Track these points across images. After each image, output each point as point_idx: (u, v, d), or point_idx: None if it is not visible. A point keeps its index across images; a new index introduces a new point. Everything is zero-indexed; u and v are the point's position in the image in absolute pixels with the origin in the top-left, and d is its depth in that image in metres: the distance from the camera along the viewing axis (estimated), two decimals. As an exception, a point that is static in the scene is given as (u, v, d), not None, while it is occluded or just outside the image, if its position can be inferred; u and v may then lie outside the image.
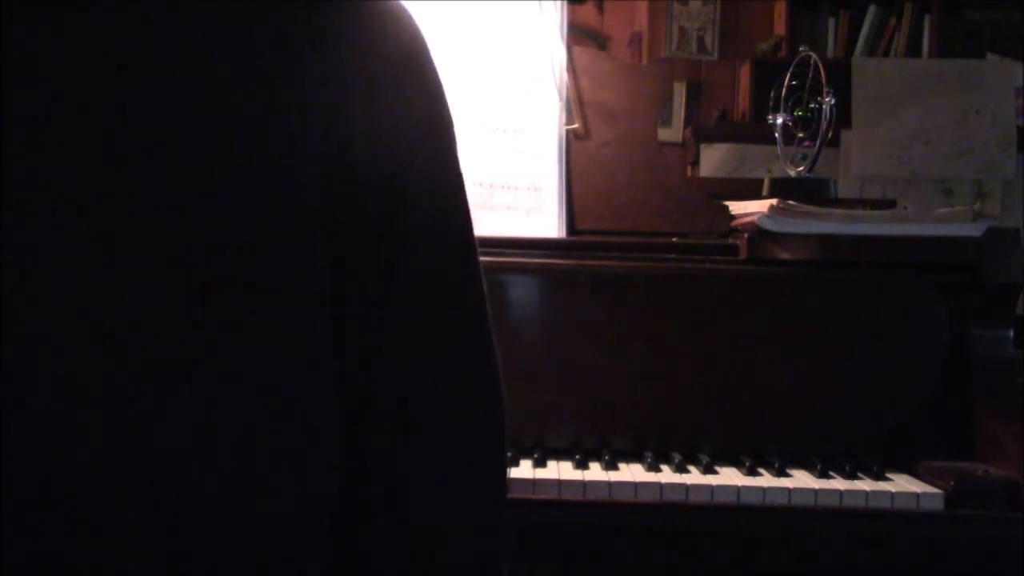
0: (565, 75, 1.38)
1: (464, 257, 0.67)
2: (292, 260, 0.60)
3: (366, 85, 0.63)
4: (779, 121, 1.57)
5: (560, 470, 1.14)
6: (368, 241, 0.62)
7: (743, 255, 1.25)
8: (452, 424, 0.66)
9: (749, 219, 1.27)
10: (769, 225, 1.23)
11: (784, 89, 1.56)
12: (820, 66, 1.51)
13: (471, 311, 0.67)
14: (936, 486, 1.12)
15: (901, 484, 1.13)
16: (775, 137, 1.59)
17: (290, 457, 0.60)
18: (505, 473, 0.70)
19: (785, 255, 1.24)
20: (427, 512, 0.65)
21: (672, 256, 1.27)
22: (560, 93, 1.38)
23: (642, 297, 1.26)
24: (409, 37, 0.67)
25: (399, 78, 0.65)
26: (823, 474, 1.16)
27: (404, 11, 0.67)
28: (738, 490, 1.11)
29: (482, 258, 1.05)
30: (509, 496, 0.72)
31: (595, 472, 1.14)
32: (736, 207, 1.35)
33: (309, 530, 0.61)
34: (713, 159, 3.51)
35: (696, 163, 3.56)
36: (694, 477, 1.13)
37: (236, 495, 0.58)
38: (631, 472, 1.15)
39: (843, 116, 3.28)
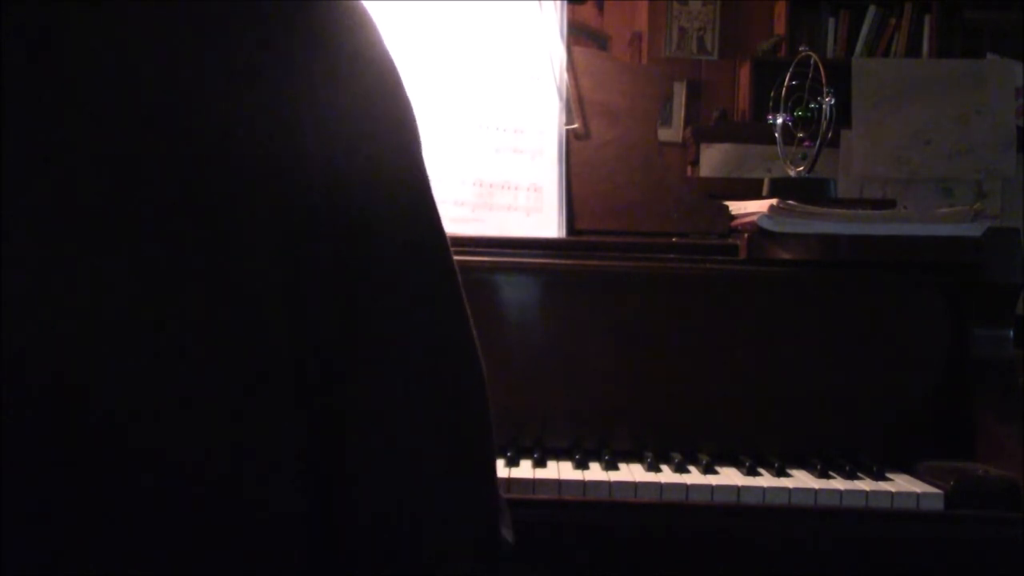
0: (565, 75, 1.38)
1: (435, 257, 0.66)
2: (251, 265, 0.59)
3: (324, 83, 0.62)
4: (779, 121, 1.58)
5: (560, 470, 1.14)
6: (331, 247, 0.61)
7: (743, 255, 1.25)
8: (437, 444, 0.65)
9: (749, 219, 1.27)
10: (769, 225, 1.23)
11: (784, 89, 1.56)
12: (820, 66, 1.51)
13: (448, 315, 0.66)
14: (936, 486, 1.12)
15: (901, 484, 1.13)
16: (775, 137, 1.59)
17: (255, 473, 0.60)
18: (495, 488, 0.69)
19: (785, 255, 1.24)
20: (415, 539, 0.64)
21: (672, 256, 1.27)
22: (560, 93, 1.38)
23: (642, 297, 1.26)
24: (384, 42, 0.66)
25: (358, 76, 0.64)
26: (823, 474, 1.16)
27: (361, 8, 0.66)
28: (738, 490, 1.11)
29: (482, 258, 1.05)
30: (509, 496, 0.71)
31: (595, 472, 1.14)
32: (736, 207, 1.35)
33: (279, 548, 0.61)
34: (713, 159, 3.51)
35: (696, 163, 3.56)
36: (694, 477, 1.13)
37: (201, 507, 0.58)
38: (631, 472, 1.15)
39: (843, 116, 3.28)
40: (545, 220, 1.34)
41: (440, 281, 0.67)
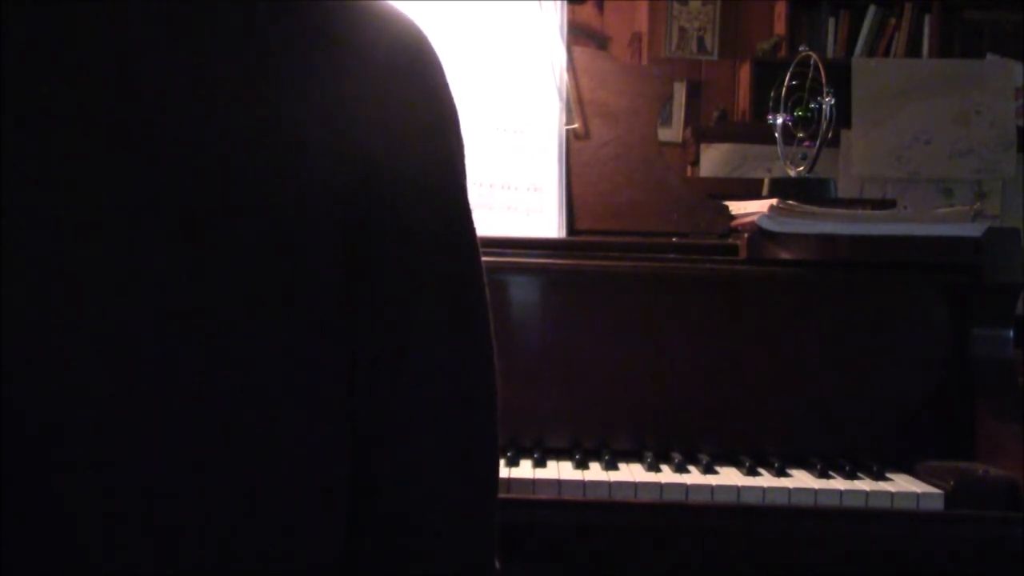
0: (565, 75, 1.38)
1: (465, 261, 0.67)
2: (306, 260, 0.60)
3: (370, 87, 0.62)
4: (779, 121, 1.57)
5: (560, 470, 1.14)
6: (376, 245, 0.62)
7: (743, 255, 1.25)
8: (447, 473, 0.66)
9: (749, 219, 1.27)
10: (769, 225, 1.23)
11: (784, 89, 1.56)
12: (820, 66, 1.51)
13: (471, 324, 0.67)
14: (936, 486, 1.12)
15: (901, 484, 1.13)
16: (775, 137, 1.59)
17: (296, 466, 0.60)
18: (494, 531, 0.69)
19: (785, 255, 1.24)
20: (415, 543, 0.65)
21: (672, 256, 1.27)
22: (560, 93, 1.38)
23: (642, 297, 1.26)
24: (411, 35, 0.67)
25: (403, 79, 0.64)
26: (823, 474, 1.16)
27: (400, 11, 0.67)
28: (738, 490, 1.11)
29: (482, 258, 1.03)
30: (510, 496, 0.72)
31: (595, 472, 1.14)
32: (736, 207, 1.35)
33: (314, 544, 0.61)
34: (713, 159, 3.51)
35: (696, 163, 3.55)
36: (694, 477, 1.13)
37: (232, 511, 0.58)
38: (631, 472, 1.15)
39: (843, 116, 3.27)
40: (545, 220, 1.34)
41: (466, 286, 0.67)
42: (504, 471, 1.12)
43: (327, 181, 0.60)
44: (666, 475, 1.13)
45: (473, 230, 0.67)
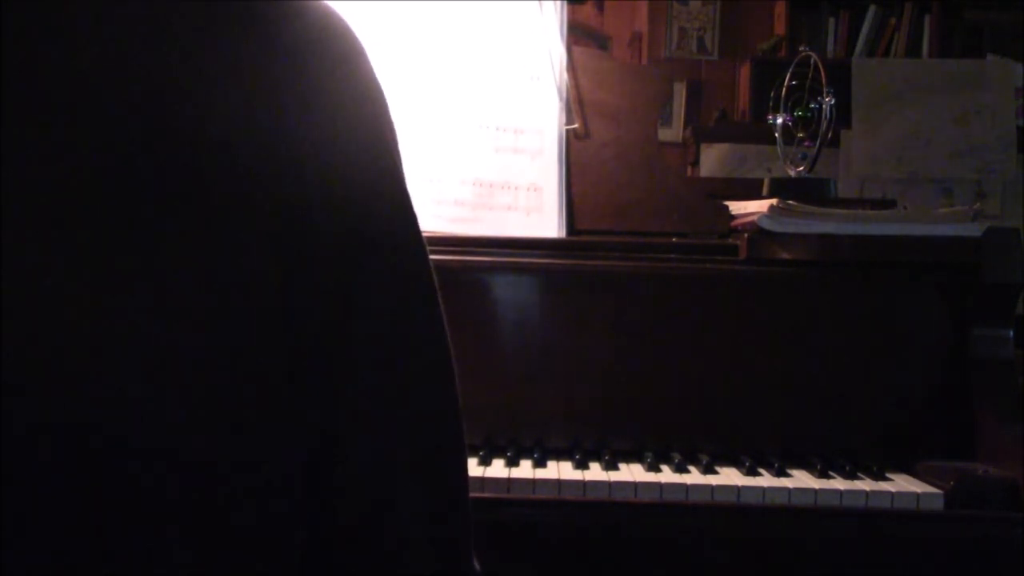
0: (565, 75, 1.38)
1: (412, 265, 0.65)
2: (243, 275, 0.59)
3: (301, 91, 0.61)
4: (779, 121, 1.57)
5: (560, 470, 1.14)
6: (316, 260, 0.61)
7: (743, 255, 1.25)
8: (411, 488, 0.64)
9: (749, 219, 1.27)
10: (769, 225, 1.23)
11: (784, 89, 1.56)
12: (820, 66, 1.51)
13: (423, 321, 0.66)
14: (936, 486, 1.12)
15: (901, 484, 1.13)
16: (775, 137, 1.59)
17: (255, 477, 0.60)
18: (466, 495, 0.68)
19: (785, 255, 1.24)
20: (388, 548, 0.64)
21: (672, 256, 1.27)
22: (560, 93, 1.38)
23: (642, 297, 1.26)
24: (342, 37, 0.66)
25: (335, 83, 0.64)
26: (823, 474, 1.16)
27: (334, 12, 0.66)
28: (738, 490, 1.11)
29: (482, 258, 1.04)
30: (510, 496, 0.71)
31: (595, 472, 1.14)
32: (736, 207, 1.35)
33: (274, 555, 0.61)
34: (713, 159, 3.51)
35: (696, 163, 3.55)
36: (694, 477, 1.13)
37: (199, 511, 0.58)
38: (631, 472, 1.15)
39: (843, 116, 3.28)
40: (545, 220, 1.34)
41: (418, 289, 0.66)
42: (504, 471, 1.12)
43: (258, 180, 0.59)
44: (666, 475, 1.13)
45: (419, 228, 0.66)
